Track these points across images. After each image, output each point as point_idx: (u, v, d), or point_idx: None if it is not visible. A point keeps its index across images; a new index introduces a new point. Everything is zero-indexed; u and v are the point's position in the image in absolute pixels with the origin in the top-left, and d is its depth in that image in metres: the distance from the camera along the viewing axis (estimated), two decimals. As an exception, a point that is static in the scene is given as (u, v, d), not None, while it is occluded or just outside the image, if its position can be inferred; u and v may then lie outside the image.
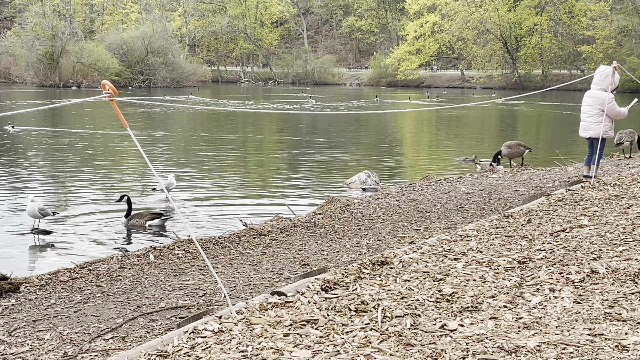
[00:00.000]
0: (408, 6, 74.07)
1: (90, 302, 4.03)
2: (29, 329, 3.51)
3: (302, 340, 2.38)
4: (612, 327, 2.45)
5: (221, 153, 15.41)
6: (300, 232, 6.16)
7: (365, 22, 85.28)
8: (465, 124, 26.10)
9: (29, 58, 57.65)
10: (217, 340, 2.41)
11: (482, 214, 6.22)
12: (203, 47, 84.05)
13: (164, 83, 59.60)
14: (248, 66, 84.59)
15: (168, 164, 13.48)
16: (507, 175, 9.68)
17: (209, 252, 5.44)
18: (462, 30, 65.58)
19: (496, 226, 4.37)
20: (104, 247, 6.88)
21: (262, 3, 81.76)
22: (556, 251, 3.60)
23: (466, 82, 67.86)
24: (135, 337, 3.25)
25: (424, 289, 2.99)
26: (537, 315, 2.63)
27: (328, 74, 76.62)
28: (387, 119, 26.89)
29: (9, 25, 78.24)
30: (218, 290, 4.03)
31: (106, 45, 60.37)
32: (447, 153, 15.93)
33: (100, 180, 11.39)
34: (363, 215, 6.86)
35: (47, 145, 16.46)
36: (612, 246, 3.68)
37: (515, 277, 3.14)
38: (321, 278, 3.10)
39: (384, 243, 5.22)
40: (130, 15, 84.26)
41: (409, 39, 72.97)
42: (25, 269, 5.76)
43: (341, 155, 15.14)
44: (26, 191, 10.03)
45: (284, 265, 4.70)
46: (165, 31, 67.25)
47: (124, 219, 7.82)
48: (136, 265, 5.01)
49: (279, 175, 12.57)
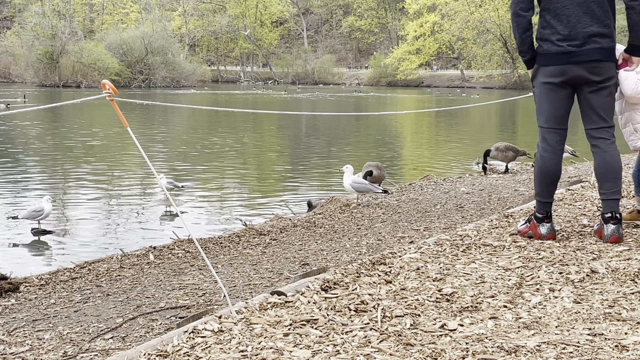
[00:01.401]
0: (408, 6, 74.06)
1: (90, 301, 4.03)
2: (28, 329, 3.51)
3: (302, 340, 2.38)
4: (612, 327, 2.45)
5: (221, 153, 15.42)
6: (300, 232, 6.16)
7: (365, 21, 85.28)
8: (465, 124, 26.11)
9: (29, 58, 57.67)
10: (216, 340, 2.41)
11: (481, 213, 6.22)
12: (203, 47, 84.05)
13: (164, 83, 59.60)
14: (248, 66, 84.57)
15: (167, 163, 13.48)
16: (507, 175, 9.68)
17: (209, 251, 5.44)
18: (462, 30, 65.57)
19: (496, 226, 4.37)
20: (104, 247, 6.88)
21: (262, 3, 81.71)
22: (556, 251, 3.60)
23: (466, 82, 67.86)
24: (135, 336, 3.25)
25: (423, 288, 2.99)
26: (537, 315, 2.63)
27: (328, 73, 76.65)
28: (388, 118, 26.89)
29: (8, 25, 78.23)
30: (218, 290, 4.03)
31: (106, 45, 60.37)
32: (447, 153, 15.94)
33: (100, 179, 11.39)
34: (363, 215, 6.86)
35: (47, 144, 16.46)
36: (612, 246, 3.68)
37: (515, 277, 3.15)
38: (321, 278, 3.10)
39: (384, 243, 5.22)
40: (130, 15, 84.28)
41: (408, 39, 72.98)
42: (25, 269, 5.76)
43: (341, 155, 15.14)
44: (25, 190, 10.03)
45: (284, 265, 4.70)
46: (165, 31, 67.27)
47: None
48: (136, 265, 5.01)
49: (279, 175, 12.58)
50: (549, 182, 3.92)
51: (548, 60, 3.85)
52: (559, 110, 3.89)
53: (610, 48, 3.83)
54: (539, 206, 3.95)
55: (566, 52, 3.78)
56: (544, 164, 3.91)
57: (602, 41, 3.79)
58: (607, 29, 3.82)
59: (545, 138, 3.93)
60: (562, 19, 3.81)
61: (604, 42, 3.80)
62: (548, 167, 3.90)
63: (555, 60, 3.81)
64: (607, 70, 3.84)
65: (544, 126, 3.93)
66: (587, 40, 3.78)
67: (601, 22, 3.81)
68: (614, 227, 3.75)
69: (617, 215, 3.77)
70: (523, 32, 3.89)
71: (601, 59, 3.81)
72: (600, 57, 3.80)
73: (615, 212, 3.78)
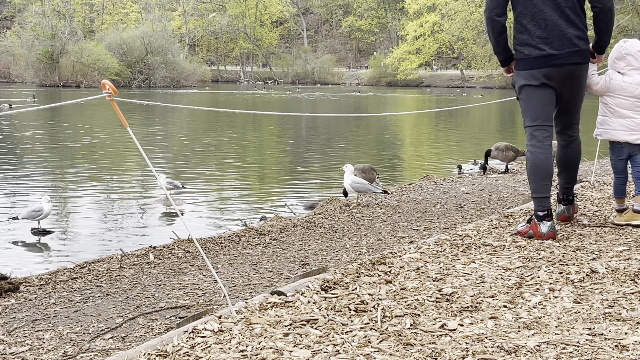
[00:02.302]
0: (408, 6, 74.00)
1: (90, 301, 4.03)
2: (28, 329, 3.51)
3: (302, 340, 2.38)
4: (611, 326, 2.45)
5: (221, 152, 15.42)
6: (300, 232, 6.16)
7: (365, 21, 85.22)
8: (466, 123, 26.11)
9: (29, 58, 57.63)
10: (216, 340, 2.41)
11: (481, 213, 6.22)
12: (203, 47, 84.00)
13: (164, 83, 59.57)
14: (248, 66, 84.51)
15: (167, 163, 13.48)
16: (507, 175, 9.69)
17: (209, 251, 5.44)
18: (462, 30, 65.54)
19: (496, 226, 4.37)
20: (103, 247, 6.88)
21: (262, 3, 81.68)
22: (556, 251, 3.60)
23: (466, 82, 67.83)
24: (135, 336, 3.25)
25: (423, 288, 2.99)
26: (537, 315, 2.63)
27: (328, 73, 76.58)
28: (388, 118, 26.89)
29: (8, 25, 78.24)
30: (218, 290, 4.03)
31: (106, 45, 60.33)
32: (448, 153, 15.94)
33: (100, 179, 11.39)
34: (363, 214, 6.86)
35: (47, 144, 16.46)
36: (612, 246, 3.68)
37: (515, 276, 3.15)
38: (321, 278, 3.10)
39: (384, 243, 5.22)
40: (129, 15, 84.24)
41: (408, 39, 72.91)
42: (25, 269, 5.76)
43: (341, 154, 15.14)
44: (25, 191, 10.03)
45: (284, 264, 4.70)
46: (165, 31, 67.23)
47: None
48: (136, 264, 5.01)
49: (279, 175, 12.57)
50: (543, 176, 4.01)
51: (529, 64, 3.98)
52: (544, 107, 4.01)
53: (586, 50, 4.02)
54: (537, 204, 3.98)
55: (547, 55, 3.92)
56: (535, 160, 4.01)
57: (579, 43, 3.95)
58: (582, 32, 3.99)
59: (533, 135, 4.04)
60: (540, 23, 3.94)
61: (581, 45, 3.96)
62: (539, 162, 4.00)
63: (537, 64, 3.95)
64: (585, 72, 4.05)
65: (532, 125, 4.05)
66: (567, 43, 3.92)
67: (576, 25, 3.96)
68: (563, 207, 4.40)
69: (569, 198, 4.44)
70: (498, 35, 4.05)
71: (581, 62, 3.98)
72: (580, 59, 3.97)
73: (568, 196, 4.43)
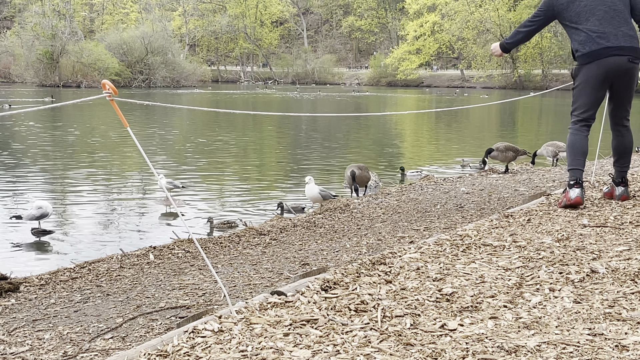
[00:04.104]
0: (408, 6, 74.01)
1: (90, 301, 4.03)
2: (28, 329, 3.51)
3: (302, 340, 2.38)
4: (612, 326, 2.45)
5: (221, 152, 15.42)
6: (300, 232, 6.16)
7: (365, 21, 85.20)
8: (466, 124, 26.10)
9: (29, 58, 57.64)
10: (216, 340, 2.41)
11: (482, 213, 6.22)
12: (203, 47, 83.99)
13: (164, 83, 59.58)
14: (248, 66, 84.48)
15: (167, 163, 13.48)
16: (507, 175, 9.68)
17: (209, 251, 5.44)
18: (462, 30, 65.55)
19: (496, 226, 4.37)
20: (104, 247, 6.88)
21: (262, 3, 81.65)
22: (556, 251, 3.60)
23: (466, 82, 67.83)
24: (135, 336, 3.25)
25: (423, 288, 2.99)
26: (537, 315, 2.63)
27: (328, 73, 76.59)
28: (388, 118, 26.89)
29: (8, 25, 78.22)
30: (218, 290, 4.03)
31: (106, 45, 60.34)
32: (448, 153, 15.94)
33: (100, 179, 11.39)
34: (363, 215, 6.86)
35: (47, 144, 16.46)
36: (612, 246, 3.68)
37: (515, 276, 3.15)
38: (321, 278, 3.10)
39: (384, 243, 5.22)
40: (130, 15, 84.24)
41: (408, 39, 72.90)
42: (25, 269, 5.76)
43: (341, 154, 15.14)
44: (25, 191, 10.03)
45: (284, 264, 4.70)
46: (165, 31, 67.23)
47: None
48: (136, 264, 5.01)
49: (279, 175, 12.57)
50: (577, 153, 4.70)
51: (591, 58, 4.49)
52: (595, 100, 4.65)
53: (637, 48, 4.48)
54: (570, 175, 4.68)
55: (606, 47, 4.43)
56: (574, 139, 4.72)
57: (632, 40, 4.46)
58: (633, 31, 4.48)
59: (578, 122, 4.71)
60: (594, 21, 4.48)
61: (633, 42, 4.46)
62: (577, 142, 4.70)
63: (598, 56, 4.45)
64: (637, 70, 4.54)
65: (580, 113, 4.68)
66: (623, 37, 4.44)
67: (627, 24, 4.50)
68: (623, 188, 4.86)
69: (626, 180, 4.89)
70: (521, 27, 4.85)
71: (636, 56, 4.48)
72: (635, 54, 4.47)
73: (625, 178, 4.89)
